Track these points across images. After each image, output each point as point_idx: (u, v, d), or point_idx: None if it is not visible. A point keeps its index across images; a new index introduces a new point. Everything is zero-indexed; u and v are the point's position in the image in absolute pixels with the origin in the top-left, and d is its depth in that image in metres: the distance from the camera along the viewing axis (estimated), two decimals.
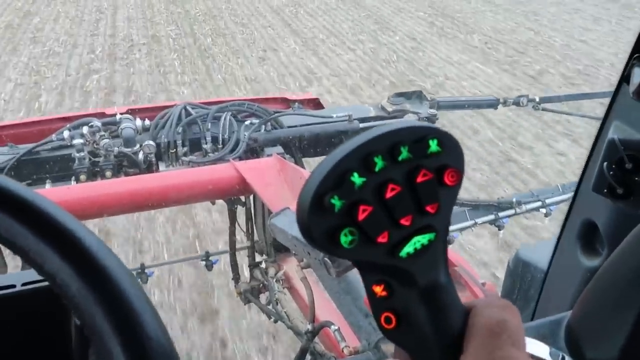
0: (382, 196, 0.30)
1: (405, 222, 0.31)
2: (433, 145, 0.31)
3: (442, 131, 0.32)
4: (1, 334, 0.59)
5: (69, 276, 0.30)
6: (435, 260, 0.32)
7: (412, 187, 0.31)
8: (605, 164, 0.71)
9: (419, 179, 0.31)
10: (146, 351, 0.30)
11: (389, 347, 1.16)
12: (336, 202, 0.29)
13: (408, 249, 0.31)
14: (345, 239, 0.29)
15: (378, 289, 0.32)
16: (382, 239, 0.30)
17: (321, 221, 0.29)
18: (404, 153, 0.30)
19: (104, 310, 0.30)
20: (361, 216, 0.29)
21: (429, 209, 0.31)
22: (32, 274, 0.61)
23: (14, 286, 0.60)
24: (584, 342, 0.46)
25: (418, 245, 0.31)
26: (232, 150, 1.82)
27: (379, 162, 0.30)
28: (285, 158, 1.74)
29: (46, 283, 0.58)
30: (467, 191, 3.30)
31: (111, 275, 0.31)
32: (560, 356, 0.47)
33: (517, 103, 2.39)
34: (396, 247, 0.31)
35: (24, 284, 0.60)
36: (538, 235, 3.05)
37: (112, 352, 0.29)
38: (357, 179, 0.29)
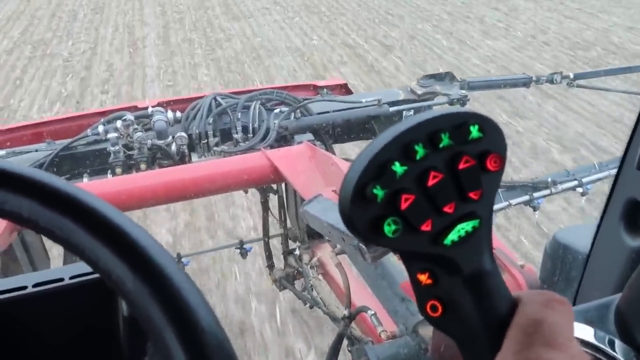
0: (424, 184, 0.30)
1: (448, 209, 0.30)
2: (474, 131, 0.30)
3: (483, 116, 0.31)
4: (51, 327, 0.61)
5: (123, 272, 0.31)
6: (480, 247, 0.32)
7: (454, 174, 0.30)
8: None
9: (461, 166, 0.30)
10: (202, 344, 0.31)
11: (427, 332, 1.16)
12: (378, 192, 0.29)
13: (452, 236, 0.31)
14: (388, 228, 0.29)
15: (423, 277, 0.32)
16: (426, 227, 0.30)
17: (364, 211, 0.29)
18: (445, 140, 0.30)
19: (159, 305, 0.31)
20: (404, 205, 0.29)
21: (472, 195, 0.31)
22: (79, 267, 0.62)
23: (62, 279, 0.61)
24: (635, 326, 0.45)
25: (462, 233, 0.31)
26: (263, 139, 1.82)
27: (420, 150, 0.29)
28: (315, 145, 1.74)
29: (94, 275, 0.60)
30: None
31: (164, 270, 0.32)
32: (609, 339, 0.46)
33: (550, 80, 2.33)
34: (440, 235, 0.30)
35: (71, 277, 0.61)
36: None
37: (170, 345, 0.30)
38: (398, 167, 0.29)
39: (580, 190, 2.08)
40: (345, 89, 2.21)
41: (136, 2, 7.93)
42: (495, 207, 1.97)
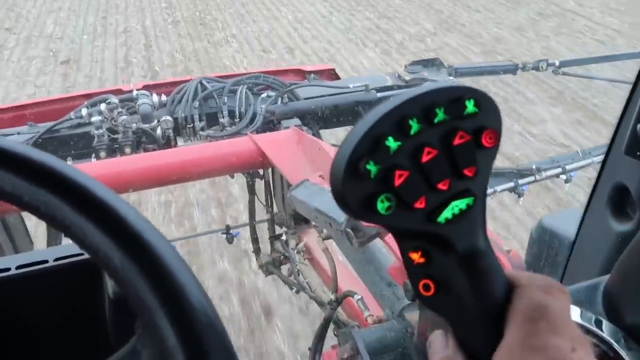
0: (419, 160, 0.29)
1: (442, 186, 0.30)
2: (470, 106, 0.30)
3: (478, 91, 0.30)
4: (35, 308, 0.60)
5: (110, 250, 0.30)
6: (474, 225, 0.31)
7: (448, 150, 0.30)
8: (638, 125, 0.69)
9: (456, 142, 0.30)
10: (192, 322, 0.30)
11: (412, 316, 1.16)
12: (372, 167, 0.28)
13: (446, 214, 0.30)
14: (382, 205, 0.29)
15: (415, 256, 0.31)
16: (420, 204, 0.29)
17: (357, 188, 0.28)
18: (440, 115, 0.29)
19: (148, 283, 0.30)
20: (397, 181, 0.29)
21: (466, 172, 0.30)
22: (64, 249, 0.61)
23: (46, 261, 0.60)
24: (623, 307, 0.45)
25: (456, 211, 0.30)
26: (249, 124, 1.81)
27: (414, 125, 0.29)
28: (302, 130, 1.73)
29: (78, 257, 0.59)
30: None
31: (153, 247, 0.31)
32: (596, 319, 0.46)
33: (536, 68, 2.34)
34: (434, 212, 0.30)
35: (56, 259, 0.61)
36: None
37: (159, 324, 0.29)
38: (392, 143, 0.28)
39: (564, 177, 2.10)
40: (332, 74, 2.20)
41: None
42: None
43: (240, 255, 2.58)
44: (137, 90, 1.86)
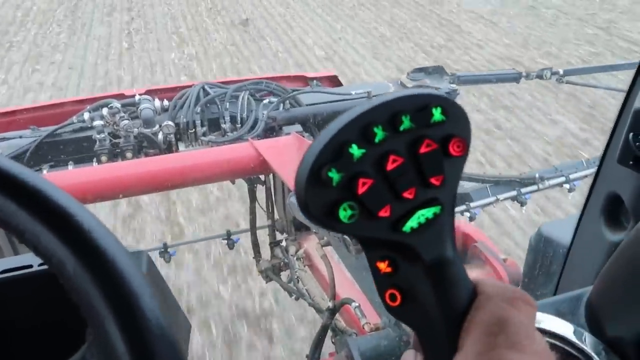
0: (383, 168, 0.29)
1: (408, 195, 0.29)
2: (436, 114, 0.29)
3: (445, 98, 0.30)
4: (18, 314, 0.60)
5: (64, 256, 0.30)
6: (441, 234, 0.31)
7: (415, 158, 0.29)
8: (631, 134, 0.68)
9: (422, 150, 0.29)
10: (144, 333, 0.29)
11: None
12: (334, 175, 0.28)
13: (412, 223, 0.30)
14: (344, 213, 0.28)
15: (382, 265, 0.31)
16: (384, 213, 0.29)
17: (319, 195, 0.28)
18: (406, 123, 0.29)
19: (100, 292, 0.29)
20: (361, 189, 0.28)
21: (433, 181, 0.30)
22: None
23: (31, 266, 0.60)
24: (605, 319, 0.45)
25: (422, 220, 0.30)
26: (251, 130, 1.81)
27: (379, 133, 0.28)
28: (304, 136, 1.73)
29: None
30: None
31: (108, 255, 0.30)
32: (578, 331, 0.45)
33: (540, 76, 2.33)
34: (399, 221, 0.30)
35: (40, 264, 0.61)
36: None
37: (110, 333, 0.29)
38: (355, 150, 0.28)
39: (567, 186, 2.09)
40: (335, 80, 2.20)
41: None
42: (483, 201, 1.98)
43: None
44: (140, 95, 1.87)
